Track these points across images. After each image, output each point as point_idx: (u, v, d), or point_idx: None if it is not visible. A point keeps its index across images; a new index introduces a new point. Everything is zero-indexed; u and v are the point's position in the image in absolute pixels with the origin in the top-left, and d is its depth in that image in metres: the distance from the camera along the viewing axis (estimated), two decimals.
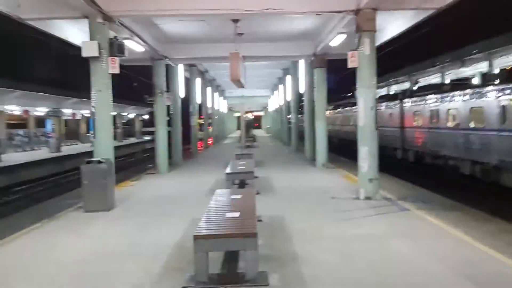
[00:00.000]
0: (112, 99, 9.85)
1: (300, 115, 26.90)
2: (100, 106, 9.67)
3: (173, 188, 12.73)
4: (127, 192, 11.98)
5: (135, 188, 12.78)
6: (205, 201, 7.14)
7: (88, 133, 42.90)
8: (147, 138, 56.28)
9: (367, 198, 9.89)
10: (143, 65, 17.73)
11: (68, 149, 36.10)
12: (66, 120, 53.45)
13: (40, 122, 49.49)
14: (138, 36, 12.37)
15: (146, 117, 78.75)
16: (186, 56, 16.80)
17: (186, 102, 25.31)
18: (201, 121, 31.54)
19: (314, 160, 17.27)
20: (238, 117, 62.50)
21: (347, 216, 8.33)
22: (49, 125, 45.52)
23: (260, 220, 7.85)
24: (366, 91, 9.86)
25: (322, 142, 16.62)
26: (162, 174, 16.01)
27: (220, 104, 44.72)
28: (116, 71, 9.65)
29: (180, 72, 19.66)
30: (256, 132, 66.47)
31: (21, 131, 47.76)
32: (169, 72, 19.32)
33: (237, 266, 5.47)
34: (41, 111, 38.06)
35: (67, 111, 39.29)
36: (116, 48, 9.68)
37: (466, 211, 9.02)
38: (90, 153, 32.52)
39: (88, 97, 9.75)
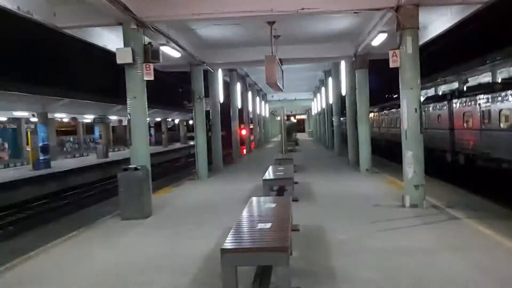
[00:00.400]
0: (146, 105, 9.77)
1: (342, 118, 26.24)
2: (136, 112, 9.61)
3: (211, 194, 12.57)
4: (166, 199, 11.93)
5: (174, 195, 12.73)
6: (241, 209, 6.85)
7: None
8: (192, 143, 57.00)
9: (413, 205, 9.30)
10: (186, 71, 17.75)
11: (115, 155, 37.04)
12: (113, 127, 55.22)
13: (89, 129, 51.31)
14: (174, 41, 12.30)
15: (191, 122, 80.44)
16: (223, 61, 16.66)
17: (228, 107, 25.32)
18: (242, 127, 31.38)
19: (357, 164, 16.66)
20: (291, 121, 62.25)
21: (390, 226, 7.81)
22: (97, 131, 47.14)
23: (297, 230, 7.49)
24: (410, 92, 9.29)
25: (365, 146, 16.00)
26: (202, 180, 15.93)
27: (262, 108, 44.57)
28: (151, 77, 9.58)
29: (219, 77, 19.59)
30: (299, 135, 66.02)
31: (71, 138, 49.79)
32: (208, 78, 19.32)
33: (269, 281, 5.13)
34: (88, 118, 39.38)
35: (113, 118, 40.38)
36: (150, 54, 9.61)
37: None
38: None
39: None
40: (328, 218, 8.60)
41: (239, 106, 26.13)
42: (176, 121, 63.23)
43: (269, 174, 11.35)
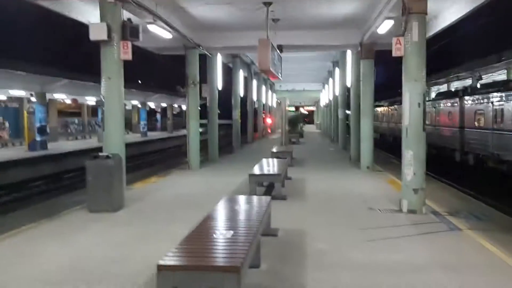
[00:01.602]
0: (123, 87, 8.90)
1: (348, 111, 25.22)
2: (110, 95, 8.77)
3: (197, 187, 11.74)
4: (148, 190, 11.14)
5: (158, 185, 11.94)
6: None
7: (139, 123, 43.35)
8: (200, 130, 56.02)
9: (411, 211, 8.38)
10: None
11: None
12: None
13: (95, 111, 50.71)
14: (163, 20, 11.41)
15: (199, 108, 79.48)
16: (221, 45, 15.71)
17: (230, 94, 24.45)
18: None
19: (359, 161, 15.70)
20: (292, 111, 61.15)
21: (382, 234, 6.91)
22: (100, 114, 46.57)
23: (274, 235, 6.65)
24: (413, 84, 8.32)
25: (368, 141, 15.03)
26: (193, 170, 15.11)
27: (268, 98, 43.56)
28: (128, 57, 8.72)
29: (218, 62, 18.66)
30: (308, 127, 64.88)
31: (76, 120, 49.28)
32: (207, 63, 18.42)
33: None
34: (90, 100, 38.66)
35: None
36: (129, 31, 8.73)
37: None
38: (138, 143, 32.37)
39: (134, 87, 8.91)
40: (314, 222, 7.72)
41: (242, 95, 25.20)
42: (184, 107, 62.41)
43: (258, 168, 10.49)
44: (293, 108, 64.88)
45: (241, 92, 25.03)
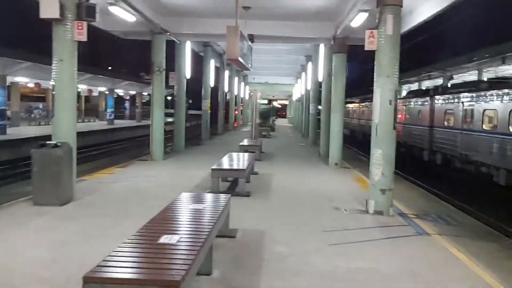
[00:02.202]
0: (76, 70, 8.20)
1: (319, 106, 24.93)
2: (62, 79, 8.08)
3: (157, 180, 11.11)
4: (102, 182, 10.45)
5: (115, 177, 11.25)
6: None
7: (106, 110, 42.02)
8: (169, 119, 54.89)
9: (377, 212, 8.04)
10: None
11: (82, 126, 35.16)
12: (87, 97, 52.89)
13: None
14: (127, 2, 10.69)
15: (170, 98, 78.03)
16: (189, 32, 15.00)
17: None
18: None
19: (328, 157, 15.35)
20: (264, 104, 60.68)
21: (346, 237, 6.52)
22: None
23: (232, 237, 6.16)
24: (385, 80, 7.94)
25: (337, 138, 14.68)
26: (155, 161, 14.45)
27: (240, 90, 42.96)
28: (83, 38, 8.01)
29: (187, 50, 17.96)
30: (280, 121, 64.55)
31: (40, 105, 47.49)
32: (176, 50, 17.71)
33: None
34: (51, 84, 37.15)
35: (82, 87, 38.24)
36: (84, 10, 8.02)
37: (502, 243, 7.02)
38: (102, 131, 31.20)
39: (103, 73, 8.23)
40: (276, 222, 7.26)
41: (212, 85, 24.54)
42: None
43: (222, 163, 9.96)
44: (265, 101, 64.46)
45: (212, 83, 24.35)
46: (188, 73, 18.01)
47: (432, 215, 8.31)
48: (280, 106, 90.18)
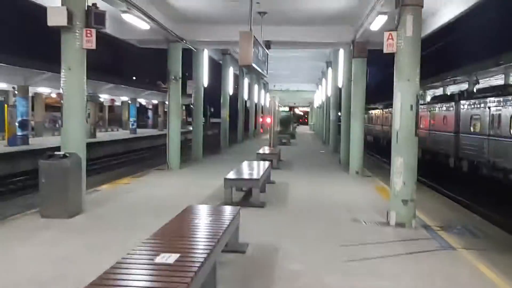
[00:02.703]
0: (85, 79, 8.02)
1: (340, 113, 24.45)
2: (70, 87, 7.89)
3: (171, 190, 10.86)
4: (115, 192, 10.26)
5: (128, 187, 11.06)
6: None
7: (129, 119, 42.32)
8: (191, 128, 54.87)
9: (399, 224, 7.57)
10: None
11: (105, 135, 35.55)
12: (110, 106, 53.51)
13: None
14: (140, 9, 10.54)
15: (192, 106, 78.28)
16: (205, 39, 14.82)
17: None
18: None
19: (348, 164, 14.88)
20: (285, 111, 60.33)
21: (365, 253, 6.09)
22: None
23: (241, 252, 5.81)
24: (406, 84, 7.50)
25: (358, 145, 14.21)
26: (172, 171, 14.24)
27: (261, 97, 42.74)
28: (92, 46, 7.84)
29: (205, 58, 17.79)
30: (301, 128, 64.04)
31: None
32: (193, 58, 17.57)
33: None
34: None
35: (104, 96, 38.65)
36: (93, 17, 7.86)
37: None
38: (124, 141, 31.33)
39: (125, 83, 8.03)
40: (290, 235, 6.89)
41: (231, 93, 24.35)
42: None
43: (235, 172, 9.64)
44: (286, 108, 64.13)
45: (231, 90, 24.16)
46: (205, 81, 17.83)
47: (458, 227, 7.78)
48: (302, 113, 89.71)
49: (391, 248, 6.33)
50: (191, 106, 18.06)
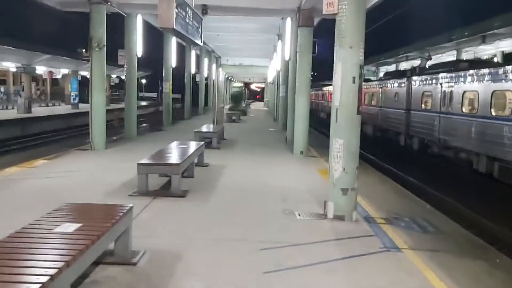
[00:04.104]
0: None
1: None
2: None
3: (83, 176, 9.25)
4: (9, 179, 8.60)
5: (31, 172, 9.40)
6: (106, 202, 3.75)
7: (71, 93, 39.50)
8: (143, 103, 52.27)
9: (338, 217, 6.46)
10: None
11: (43, 110, 32.87)
12: (55, 79, 50.08)
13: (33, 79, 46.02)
14: None
15: (144, 81, 75.01)
16: (134, 2, 13.06)
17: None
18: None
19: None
20: (236, 87, 58.76)
21: (290, 260, 4.89)
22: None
23: (131, 264, 4.48)
24: (348, 52, 6.28)
25: (303, 123, 13.05)
26: (96, 151, 12.59)
27: (212, 72, 40.92)
28: None
29: (138, 24, 15.95)
30: (257, 105, 62.78)
31: (2, 88, 44.76)
32: (125, 25, 15.74)
33: None
34: (10, 66, 34.53)
35: (41, 68, 35.68)
36: None
37: (491, 260, 5.45)
38: (63, 116, 29.00)
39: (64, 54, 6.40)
40: (203, 236, 5.60)
41: (174, 65, 22.59)
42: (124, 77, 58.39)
43: (154, 155, 8.24)
44: (240, 84, 62.67)
45: (174, 62, 22.40)
46: (139, 51, 16.06)
47: (406, 219, 6.79)
48: (258, 90, 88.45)
49: (324, 251, 5.18)
50: (124, 79, 16.23)
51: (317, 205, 7.15)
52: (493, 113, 12.52)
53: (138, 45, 15.87)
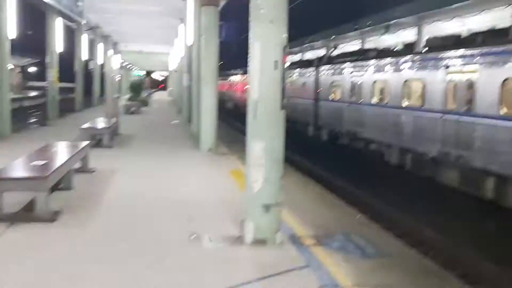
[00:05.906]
0: None
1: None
2: None
3: None
4: None
5: None
6: None
7: None
8: (32, 94, 46.39)
9: (258, 241, 5.04)
10: None
11: None
12: None
13: None
14: None
15: (31, 70, 67.54)
16: None
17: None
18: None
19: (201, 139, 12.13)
20: (136, 76, 55.33)
21: None
22: None
23: None
24: (268, 29, 4.85)
25: (210, 116, 11.51)
26: None
27: (108, 59, 37.52)
28: None
29: None
30: (160, 94, 59.66)
31: None
32: None
33: None
34: None
35: None
36: None
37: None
38: None
39: None
40: (69, 285, 3.88)
41: (61, 50, 19.72)
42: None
43: (12, 166, 6.18)
44: (142, 72, 59.35)
45: (61, 47, 19.55)
46: (12, 32, 13.23)
47: (338, 235, 5.59)
48: (161, 79, 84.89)
49: None
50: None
51: (232, 222, 5.67)
52: (405, 103, 12.06)
53: (9, 24, 13.06)
